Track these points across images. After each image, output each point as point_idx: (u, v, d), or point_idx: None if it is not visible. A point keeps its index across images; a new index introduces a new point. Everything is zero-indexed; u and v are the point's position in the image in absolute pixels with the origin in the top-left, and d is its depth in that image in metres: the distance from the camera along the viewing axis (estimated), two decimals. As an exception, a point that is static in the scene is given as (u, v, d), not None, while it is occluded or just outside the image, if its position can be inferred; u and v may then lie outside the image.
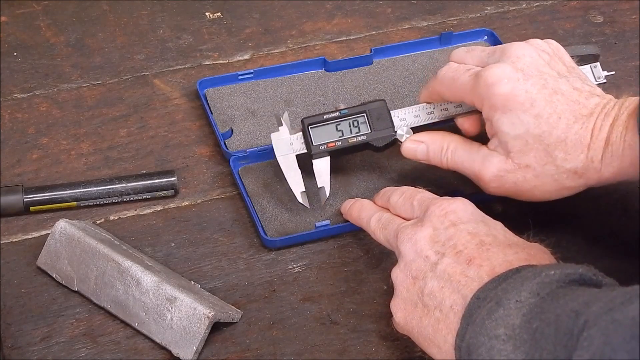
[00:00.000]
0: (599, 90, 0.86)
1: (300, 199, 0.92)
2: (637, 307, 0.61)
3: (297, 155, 0.93)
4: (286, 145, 0.93)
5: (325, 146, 0.92)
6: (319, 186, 0.92)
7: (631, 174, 0.82)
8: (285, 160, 0.93)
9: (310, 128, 0.92)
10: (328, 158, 0.93)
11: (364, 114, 0.93)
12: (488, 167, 0.87)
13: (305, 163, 0.93)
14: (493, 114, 0.85)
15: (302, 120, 0.93)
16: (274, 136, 0.93)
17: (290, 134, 0.93)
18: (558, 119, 0.83)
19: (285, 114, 0.94)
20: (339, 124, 0.93)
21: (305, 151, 0.93)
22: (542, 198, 0.87)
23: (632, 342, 0.60)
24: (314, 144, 0.92)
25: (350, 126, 0.93)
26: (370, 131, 0.92)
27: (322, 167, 0.92)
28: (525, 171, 0.85)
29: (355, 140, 0.93)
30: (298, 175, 0.92)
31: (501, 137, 0.85)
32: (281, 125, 0.93)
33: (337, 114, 0.93)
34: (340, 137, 0.92)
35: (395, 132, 0.92)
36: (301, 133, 0.93)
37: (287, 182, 0.92)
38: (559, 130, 0.83)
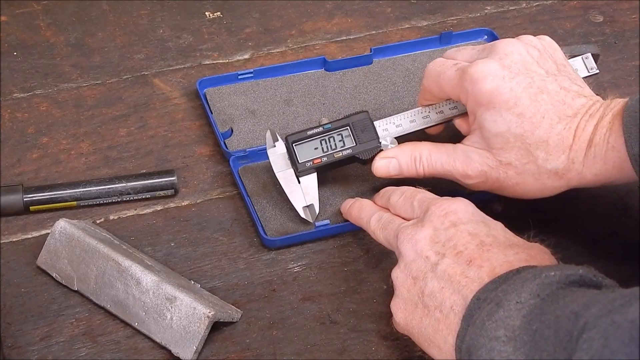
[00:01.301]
0: (588, 91, 0.86)
1: (302, 214, 0.92)
2: (636, 309, 0.61)
3: None
4: (284, 160, 0.93)
5: (311, 162, 0.92)
6: (307, 204, 0.92)
7: (615, 176, 0.82)
8: (284, 176, 0.92)
9: (295, 145, 0.92)
10: (315, 174, 0.92)
11: (348, 127, 0.92)
12: (471, 163, 0.87)
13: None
14: (477, 110, 0.85)
15: (285, 138, 0.92)
16: (271, 152, 0.93)
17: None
18: (541, 118, 0.83)
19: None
20: (324, 139, 0.92)
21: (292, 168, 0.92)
22: (525, 196, 0.87)
23: (631, 344, 0.60)
24: (299, 161, 0.92)
25: (334, 141, 0.92)
26: (355, 144, 0.92)
27: (309, 184, 0.92)
28: (507, 168, 0.85)
29: (340, 154, 0.92)
30: (298, 190, 0.92)
31: (483, 133, 0.85)
32: (277, 140, 0.93)
33: (321, 129, 0.92)
34: (325, 152, 0.92)
35: (380, 143, 0.92)
36: (286, 150, 0.92)
37: (288, 198, 0.92)
38: (542, 130, 0.83)
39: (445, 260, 0.77)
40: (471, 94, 0.85)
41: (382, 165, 0.91)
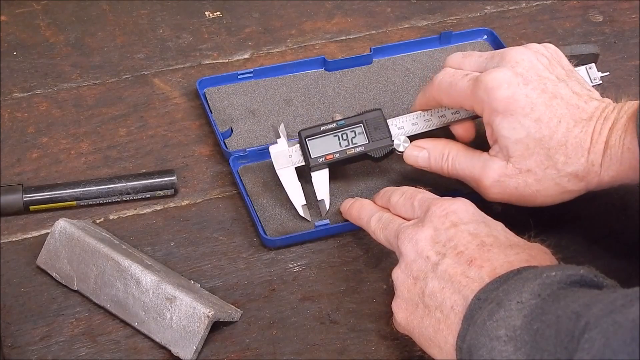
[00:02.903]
0: (597, 94, 0.86)
1: (301, 213, 0.92)
2: (637, 309, 0.61)
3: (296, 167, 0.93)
4: (285, 157, 0.93)
5: (324, 158, 0.92)
6: (318, 199, 0.92)
7: (630, 177, 0.82)
8: (285, 173, 0.92)
9: (308, 140, 0.92)
10: (327, 170, 0.92)
11: (361, 124, 0.93)
12: (488, 172, 0.87)
13: (305, 171, 0.93)
14: (494, 119, 0.85)
15: (299, 133, 0.92)
16: (272, 149, 0.93)
17: (289, 146, 0.93)
18: (558, 122, 0.83)
19: (282, 126, 0.94)
20: (337, 135, 0.92)
21: (304, 163, 0.93)
22: (544, 203, 0.87)
23: (633, 344, 0.60)
24: (312, 156, 0.92)
25: (347, 137, 0.92)
26: (368, 142, 0.92)
27: (321, 179, 0.92)
28: (526, 176, 0.85)
29: (353, 151, 0.92)
30: (298, 188, 0.92)
31: (502, 142, 0.85)
32: (279, 137, 0.93)
33: (334, 125, 0.93)
34: (338, 148, 0.92)
35: (393, 141, 0.92)
36: (299, 145, 0.93)
37: (287, 196, 0.92)
38: (560, 134, 0.83)
39: (445, 260, 0.77)
40: (487, 103, 0.85)
41: (412, 154, 0.91)
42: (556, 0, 1.18)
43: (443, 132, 0.93)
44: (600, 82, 0.94)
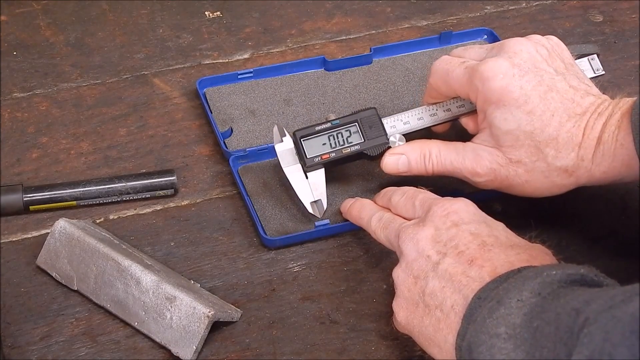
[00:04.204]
0: (596, 90, 0.86)
1: (310, 210, 0.92)
2: (636, 304, 0.61)
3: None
4: (291, 155, 0.93)
5: (319, 158, 0.92)
6: (315, 199, 0.92)
7: (623, 174, 0.82)
8: (292, 171, 0.92)
9: (303, 140, 0.92)
10: (323, 170, 0.92)
11: (356, 123, 0.92)
12: (480, 161, 0.87)
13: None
14: (487, 108, 0.85)
15: (293, 133, 0.92)
16: (278, 147, 0.93)
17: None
18: (551, 116, 0.83)
19: (281, 127, 0.94)
20: (332, 135, 0.92)
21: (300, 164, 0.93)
22: (534, 194, 0.87)
23: (631, 337, 0.60)
24: (307, 156, 0.92)
25: (342, 136, 0.92)
26: (363, 140, 0.92)
27: (317, 179, 0.92)
28: (517, 166, 0.85)
29: (349, 150, 0.92)
30: (306, 185, 0.92)
31: (493, 131, 0.85)
32: (284, 135, 0.93)
33: (329, 124, 0.93)
34: (333, 148, 0.92)
35: (388, 139, 0.92)
36: (294, 145, 0.92)
37: (295, 193, 0.92)
38: (551, 127, 0.83)
39: (446, 259, 0.77)
40: (481, 92, 0.85)
41: (391, 162, 0.91)
42: (556, 0, 1.18)
43: (426, 134, 0.93)
44: (603, 72, 0.94)
